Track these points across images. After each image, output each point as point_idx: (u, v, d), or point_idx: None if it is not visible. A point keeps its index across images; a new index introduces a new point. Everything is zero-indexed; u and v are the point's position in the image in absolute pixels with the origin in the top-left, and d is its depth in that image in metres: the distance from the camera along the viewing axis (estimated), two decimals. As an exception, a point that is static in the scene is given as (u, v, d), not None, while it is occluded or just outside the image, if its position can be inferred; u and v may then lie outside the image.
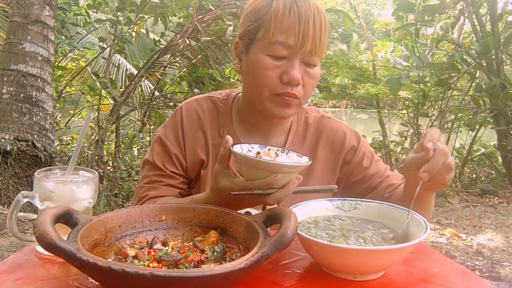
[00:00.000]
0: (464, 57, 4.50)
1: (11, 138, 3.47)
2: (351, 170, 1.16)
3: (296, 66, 0.98)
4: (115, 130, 4.52)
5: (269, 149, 0.92)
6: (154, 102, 4.96)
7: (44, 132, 3.69)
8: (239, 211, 0.82)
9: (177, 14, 4.54)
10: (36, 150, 3.57)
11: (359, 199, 0.92)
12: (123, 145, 4.73)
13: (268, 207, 1.11)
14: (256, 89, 1.04)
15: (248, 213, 1.05)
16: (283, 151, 0.92)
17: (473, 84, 5.07)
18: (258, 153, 0.89)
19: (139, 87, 5.07)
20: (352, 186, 1.17)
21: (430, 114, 5.29)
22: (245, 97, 1.15)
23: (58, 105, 4.94)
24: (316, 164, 1.14)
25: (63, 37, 4.69)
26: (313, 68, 1.02)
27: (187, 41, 4.17)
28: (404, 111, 5.64)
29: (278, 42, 0.97)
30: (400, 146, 5.74)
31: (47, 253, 0.64)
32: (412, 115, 5.30)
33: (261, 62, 1.00)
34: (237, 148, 0.87)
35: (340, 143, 1.17)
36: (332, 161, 1.16)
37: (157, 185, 1.09)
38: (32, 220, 3.11)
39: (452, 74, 4.59)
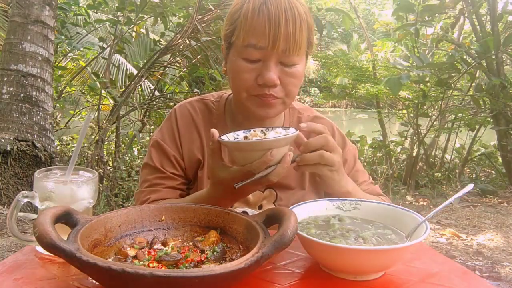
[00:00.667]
0: (464, 57, 4.50)
1: (11, 138, 3.47)
2: None
3: (271, 67, 0.97)
4: (115, 130, 4.52)
5: (254, 131, 0.92)
6: (154, 102, 4.96)
7: (44, 132, 3.69)
8: (238, 212, 0.82)
9: (177, 14, 4.54)
10: (36, 150, 3.57)
11: (359, 199, 0.92)
12: (123, 145, 4.73)
13: (265, 206, 1.12)
14: (235, 91, 1.06)
15: (245, 212, 1.05)
16: (268, 129, 0.92)
17: (473, 84, 5.07)
18: (246, 137, 0.90)
19: (139, 87, 5.07)
20: None
21: (430, 114, 5.29)
22: (233, 97, 1.16)
23: (58, 105, 4.94)
24: None
25: (63, 37, 4.69)
26: (291, 68, 1.00)
27: (187, 41, 4.17)
28: (404, 111, 5.64)
29: (250, 45, 0.97)
30: (400, 146, 5.74)
31: (47, 253, 0.64)
32: (412, 115, 5.31)
33: (237, 66, 1.00)
34: (224, 138, 0.88)
35: None
36: None
37: (158, 188, 1.10)
38: (32, 220, 3.11)
39: (452, 74, 4.59)
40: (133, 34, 5.20)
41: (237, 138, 0.91)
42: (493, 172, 5.69)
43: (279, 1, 0.95)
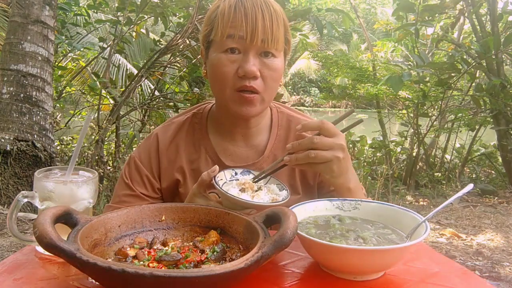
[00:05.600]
0: (464, 57, 4.50)
1: (11, 138, 3.47)
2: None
3: (251, 59, 0.99)
4: (115, 130, 4.52)
5: (251, 178, 0.97)
6: (154, 102, 4.96)
7: (44, 132, 3.69)
8: (238, 212, 0.83)
9: (177, 14, 4.54)
10: (36, 150, 3.57)
11: (359, 199, 0.92)
12: (123, 145, 4.73)
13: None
14: (218, 89, 1.06)
15: None
16: (264, 180, 0.98)
17: (473, 84, 5.07)
18: (243, 189, 0.93)
19: (139, 87, 5.07)
20: (321, 189, 1.17)
21: (430, 114, 5.29)
22: (216, 100, 1.17)
23: (58, 105, 4.94)
24: (298, 169, 1.15)
25: (63, 37, 4.69)
26: (271, 59, 1.01)
27: (187, 41, 4.17)
28: (404, 111, 5.65)
29: (229, 36, 0.99)
30: (400, 146, 5.75)
31: (47, 253, 0.64)
32: (412, 115, 5.31)
33: (217, 61, 1.02)
34: (221, 175, 0.93)
35: None
36: None
37: (125, 205, 1.09)
38: (32, 220, 3.11)
39: (452, 74, 4.59)
40: (133, 34, 5.20)
41: (234, 176, 0.97)
42: (493, 172, 5.69)
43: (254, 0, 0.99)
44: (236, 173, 0.98)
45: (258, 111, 1.07)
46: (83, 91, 5.57)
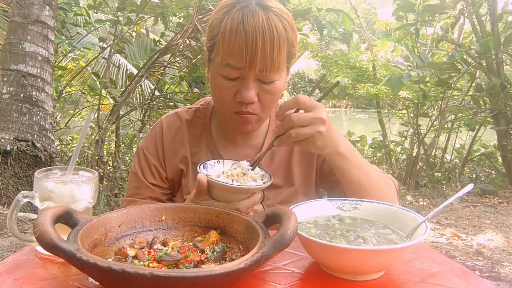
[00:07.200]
0: (464, 57, 4.50)
1: (11, 138, 3.47)
2: (323, 160, 1.17)
3: (249, 85, 0.98)
4: (115, 130, 4.52)
5: (235, 168, 0.98)
6: (154, 102, 4.96)
7: (44, 132, 3.69)
8: (238, 212, 0.83)
9: (177, 14, 4.54)
10: (36, 150, 3.57)
11: (359, 199, 0.92)
12: (123, 145, 4.73)
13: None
14: (217, 105, 1.10)
15: None
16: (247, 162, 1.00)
17: (473, 84, 5.07)
18: (233, 179, 0.95)
19: (139, 87, 5.07)
20: (326, 176, 1.18)
21: (430, 114, 5.29)
22: (216, 108, 1.18)
23: (58, 105, 4.94)
24: (294, 159, 1.16)
25: (63, 37, 4.68)
26: (269, 85, 1.00)
27: (187, 41, 4.17)
28: (404, 111, 5.65)
29: (228, 65, 0.97)
30: (400, 146, 5.75)
31: (47, 253, 0.64)
32: (412, 115, 5.31)
33: (216, 82, 1.02)
34: (209, 167, 0.97)
35: None
36: (307, 152, 1.18)
37: (137, 198, 1.13)
38: (32, 220, 3.11)
39: (452, 74, 4.59)
40: (133, 34, 5.20)
41: (219, 162, 0.99)
42: (493, 172, 5.69)
43: (257, 19, 0.94)
44: (219, 161, 1.00)
45: (255, 129, 1.10)
46: (83, 91, 5.57)
